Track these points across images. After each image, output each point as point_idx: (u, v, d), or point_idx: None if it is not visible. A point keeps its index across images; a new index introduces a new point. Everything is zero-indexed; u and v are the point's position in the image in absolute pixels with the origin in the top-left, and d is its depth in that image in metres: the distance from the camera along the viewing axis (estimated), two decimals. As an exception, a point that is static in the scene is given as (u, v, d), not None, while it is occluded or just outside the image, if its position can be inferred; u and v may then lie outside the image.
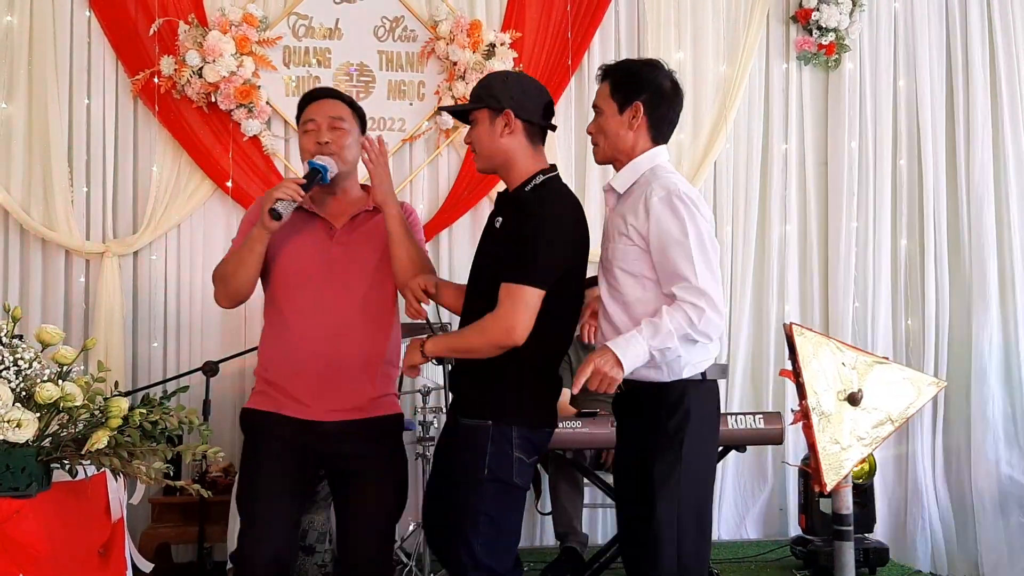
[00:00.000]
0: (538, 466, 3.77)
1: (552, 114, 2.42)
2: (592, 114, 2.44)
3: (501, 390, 2.28)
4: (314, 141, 2.41)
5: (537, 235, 2.24)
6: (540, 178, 2.34)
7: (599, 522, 4.50)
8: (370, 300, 2.44)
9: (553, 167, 2.40)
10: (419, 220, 2.67)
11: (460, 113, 2.53)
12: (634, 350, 2.17)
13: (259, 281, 2.45)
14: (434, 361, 3.67)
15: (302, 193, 2.30)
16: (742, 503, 4.62)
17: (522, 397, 2.29)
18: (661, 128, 2.39)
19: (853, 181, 4.71)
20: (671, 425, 2.25)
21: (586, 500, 4.03)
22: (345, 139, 2.44)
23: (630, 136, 2.35)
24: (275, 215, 2.26)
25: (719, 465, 3.71)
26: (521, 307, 2.20)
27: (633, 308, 2.29)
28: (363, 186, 2.59)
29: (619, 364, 2.16)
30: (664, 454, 2.24)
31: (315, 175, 2.36)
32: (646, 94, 2.34)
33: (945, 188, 4.75)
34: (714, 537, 4.53)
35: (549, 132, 2.45)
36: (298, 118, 2.53)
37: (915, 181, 4.77)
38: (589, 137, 2.46)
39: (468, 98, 2.49)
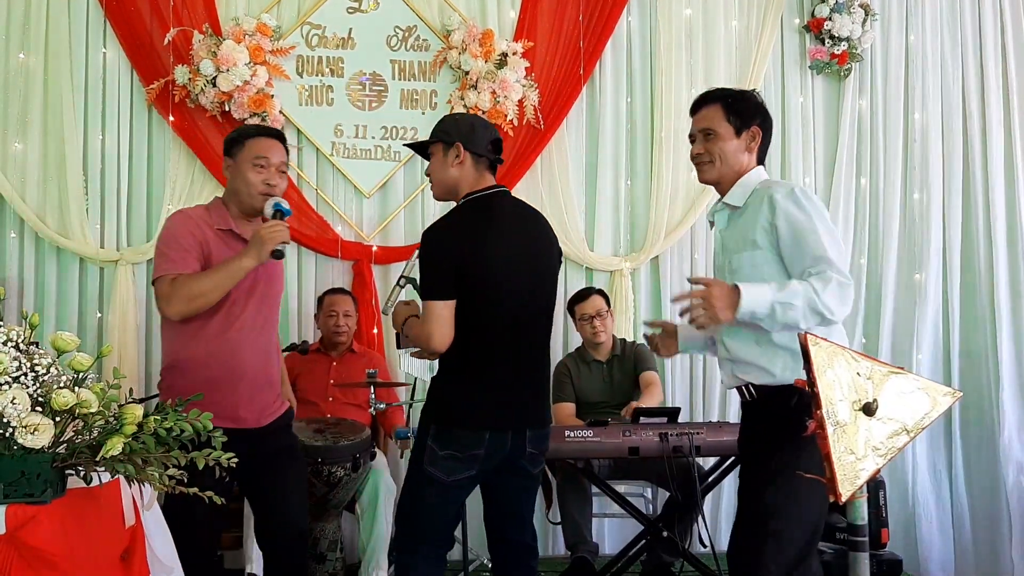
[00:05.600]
0: (548, 475, 3.77)
1: (500, 150, 2.63)
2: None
3: (432, 394, 2.60)
4: (264, 180, 2.69)
5: (422, 255, 2.51)
6: (461, 203, 2.56)
7: (608, 532, 4.49)
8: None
9: (492, 187, 2.57)
10: None
11: (421, 149, 2.71)
12: (758, 292, 2.23)
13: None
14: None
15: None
16: (754, 513, 4.59)
17: (440, 399, 2.56)
18: (765, 150, 2.58)
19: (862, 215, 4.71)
20: (794, 420, 2.20)
21: (595, 510, 4.02)
22: (284, 184, 2.77)
23: (745, 157, 2.52)
24: (278, 255, 2.61)
25: (731, 475, 3.70)
26: (430, 320, 2.45)
27: None
28: None
29: (735, 299, 2.21)
30: (789, 444, 2.25)
31: (284, 216, 2.68)
32: (760, 119, 2.53)
33: (961, 201, 4.72)
34: (724, 547, 4.50)
35: (556, 142, 2.52)
36: (236, 141, 2.73)
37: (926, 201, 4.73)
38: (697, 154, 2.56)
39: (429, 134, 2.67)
